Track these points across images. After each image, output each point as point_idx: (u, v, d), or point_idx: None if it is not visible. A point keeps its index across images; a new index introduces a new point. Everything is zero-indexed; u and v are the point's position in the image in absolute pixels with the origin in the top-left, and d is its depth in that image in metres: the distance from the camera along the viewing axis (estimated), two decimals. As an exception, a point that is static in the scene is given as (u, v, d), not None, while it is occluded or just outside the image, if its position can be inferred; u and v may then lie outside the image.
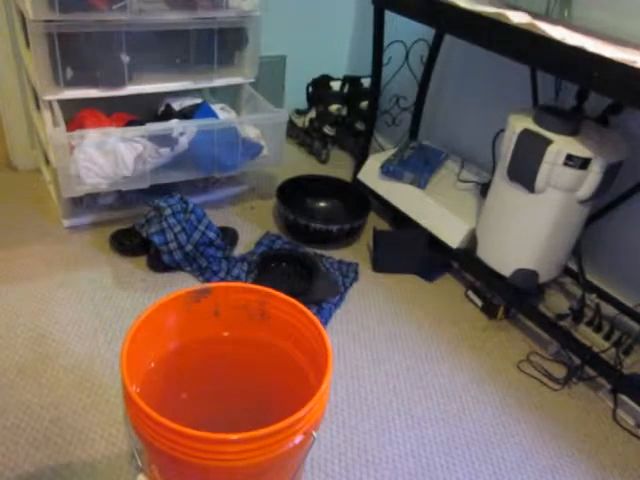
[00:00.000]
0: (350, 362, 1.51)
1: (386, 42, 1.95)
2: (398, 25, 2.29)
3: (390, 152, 2.10)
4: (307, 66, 2.58)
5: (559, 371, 1.55)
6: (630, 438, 1.38)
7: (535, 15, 1.43)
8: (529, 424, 1.39)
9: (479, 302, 1.74)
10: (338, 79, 2.48)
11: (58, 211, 1.90)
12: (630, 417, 1.43)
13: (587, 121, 1.53)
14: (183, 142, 1.77)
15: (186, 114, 1.88)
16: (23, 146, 2.13)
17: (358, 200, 2.06)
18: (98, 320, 1.53)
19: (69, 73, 1.66)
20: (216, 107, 1.97)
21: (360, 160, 2.14)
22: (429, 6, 1.58)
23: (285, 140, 2.04)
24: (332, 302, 1.66)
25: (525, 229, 1.54)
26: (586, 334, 1.60)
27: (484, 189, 1.88)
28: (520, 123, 1.48)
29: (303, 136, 2.55)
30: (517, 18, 1.35)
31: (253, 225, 2.01)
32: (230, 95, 2.09)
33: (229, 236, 1.86)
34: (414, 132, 2.26)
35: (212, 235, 1.75)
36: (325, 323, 1.61)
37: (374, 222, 2.07)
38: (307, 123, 2.50)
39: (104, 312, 1.56)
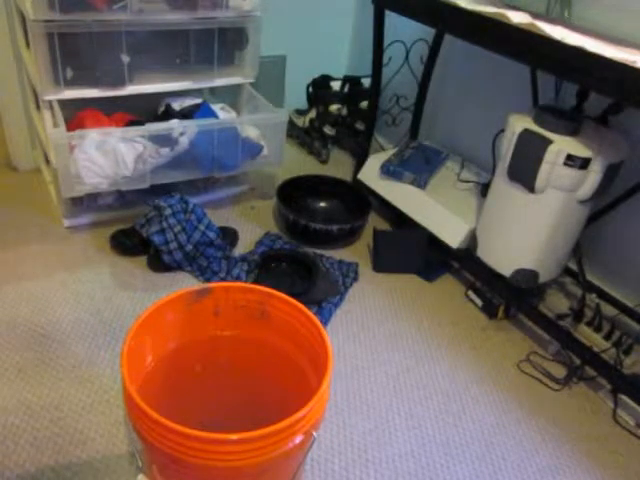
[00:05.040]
0: (350, 362, 1.51)
1: (386, 42, 1.95)
2: (398, 25, 2.29)
3: (390, 152, 2.10)
4: (307, 66, 2.58)
5: (559, 371, 1.55)
6: (630, 438, 1.38)
7: (535, 15, 1.43)
8: (529, 424, 1.39)
9: (479, 302, 1.74)
10: (338, 79, 2.48)
11: (58, 211, 1.90)
12: (630, 417, 1.43)
13: (587, 121, 1.53)
14: (183, 142, 1.77)
15: (186, 114, 1.88)
16: (23, 146, 2.13)
17: (358, 200, 2.06)
18: (98, 320, 1.53)
19: (69, 73, 1.66)
20: (216, 107, 1.97)
21: (360, 160, 2.14)
22: (429, 6, 1.58)
23: (285, 140, 2.04)
24: (332, 302, 1.67)
25: (525, 229, 1.54)
26: (586, 334, 1.60)
27: (484, 189, 1.88)
28: (520, 123, 1.48)
29: (303, 136, 2.55)
30: (517, 18, 1.35)
31: (253, 225, 2.01)
32: (230, 95, 2.09)
33: (229, 236, 1.86)
34: (414, 132, 2.26)
35: (212, 235, 1.75)
36: (325, 323, 1.61)
37: (374, 222, 2.07)
38: (307, 123, 2.50)
39: (104, 312, 1.56)
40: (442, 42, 2.06)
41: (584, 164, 1.38)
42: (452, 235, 1.78)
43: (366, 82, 2.40)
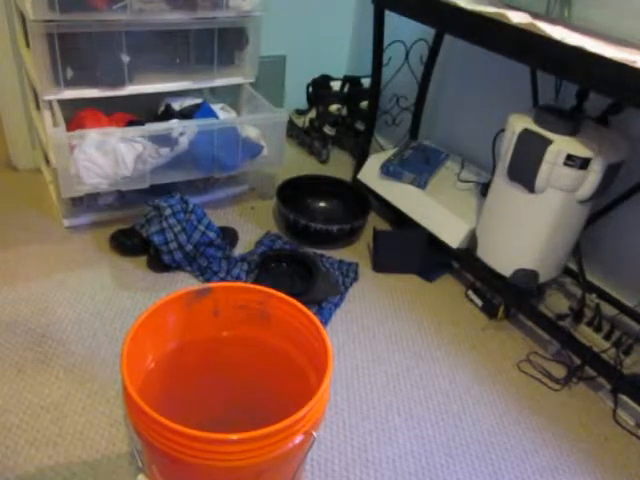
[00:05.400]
0: (350, 362, 1.51)
1: (386, 42, 1.95)
2: (398, 25, 2.29)
3: (390, 152, 2.10)
4: (307, 66, 2.58)
5: (559, 371, 1.55)
6: (630, 438, 1.38)
7: (535, 15, 1.43)
8: (529, 424, 1.39)
9: (479, 302, 1.74)
10: (338, 79, 2.48)
11: (58, 211, 1.90)
12: (630, 417, 1.43)
13: (587, 121, 1.53)
14: (183, 142, 1.77)
15: (186, 114, 1.88)
16: (23, 146, 2.13)
17: (358, 200, 2.06)
18: (98, 320, 1.53)
19: (69, 73, 1.66)
20: (216, 107, 1.97)
21: (360, 160, 2.14)
22: (429, 6, 1.58)
23: (285, 140, 2.04)
24: (332, 302, 1.67)
25: (525, 229, 1.54)
26: (586, 334, 1.60)
27: (484, 189, 1.89)
28: (520, 123, 1.48)
29: (303, 136, 2.55)
30: (517, 18, 1.35)
31: (253, 225, 2.01)
32: (230, 95, 2.09)
33: (229, 236, 1.86)
34: (414, 132, 2.26)
35: (212, 235, 1.75)
36: (325, 323, 1.61)
37: (374, 222, 2.07)
38: (307, 123, 2.50)
39: (104, 312, 1.56)
40: (442, 42, 2.06)
41: (584, 164, 1.38)
42: (452, 235, 1.78)
43: (366, 82, 2.40)
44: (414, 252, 1.85)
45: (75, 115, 1.81)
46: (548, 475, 1.27)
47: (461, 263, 1.83)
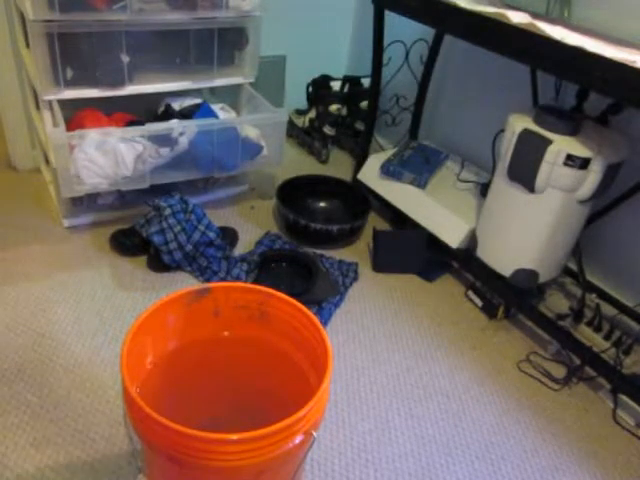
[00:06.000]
0: (350, 362, 1.51)
1: (386, 42, 1.95)
2: (398, 25, 2.29)
3: (390, 152, 2.10)
4: (307, 66, 2.58)
5: (559, 371, 1.55)
6: (630, 438, 1.38)
7: (535, 15, 1.43)
8: (529, 424, 1.39)
9: (479, 302, 1.74)
10: (338, 79, 2.48)
11: (58, 211, 1.90)
12: (630, 417, 1.43)
13: (587, 121, 1.53)
14: (183, 142, 1.77)
15: (186, 114, 1.88)
16: (23, 146, 2.13)
17: (358, 200, 2.06)
18: (98, 320, 1.53)
19: (69, 73, 1.66)
20: (216, 107, 1.97)
21: (360, 160, 2.14)
22: (429, 6, 1.58)
23: (285, 140, 2.03)
24: (332, 302, 1.66)
25: (525, 229, 1.54)
26: (586, 334, 1.60)
27: (484, 189, 1.89)
28: (520, 123, 1.48)
29: (303, 136, 2.55)
30: (517, 18, 1.35)
31: (253, 225, 2.01)
32: (230, 95, 2.09)
33: (229, 236, 1.86)
34: (414, 132, 2.26)
35: (212, 235, 1.75)
36: (325, 323, 1.61)
37: (374, 222, 2.07)
38: (307, 123, 2.50)
39: (104, 312, 1.56)
40: (442, 42, 2.06)
41: (584, 164, 1.38)
42: (452, 235, 1.78)
43: (366, 82, 2.40)
44: (414, 252, 1.85)
45: (75, 115, 1.81)
46: (548, 475, 1.27)
47: (461, 263, 1.83)
